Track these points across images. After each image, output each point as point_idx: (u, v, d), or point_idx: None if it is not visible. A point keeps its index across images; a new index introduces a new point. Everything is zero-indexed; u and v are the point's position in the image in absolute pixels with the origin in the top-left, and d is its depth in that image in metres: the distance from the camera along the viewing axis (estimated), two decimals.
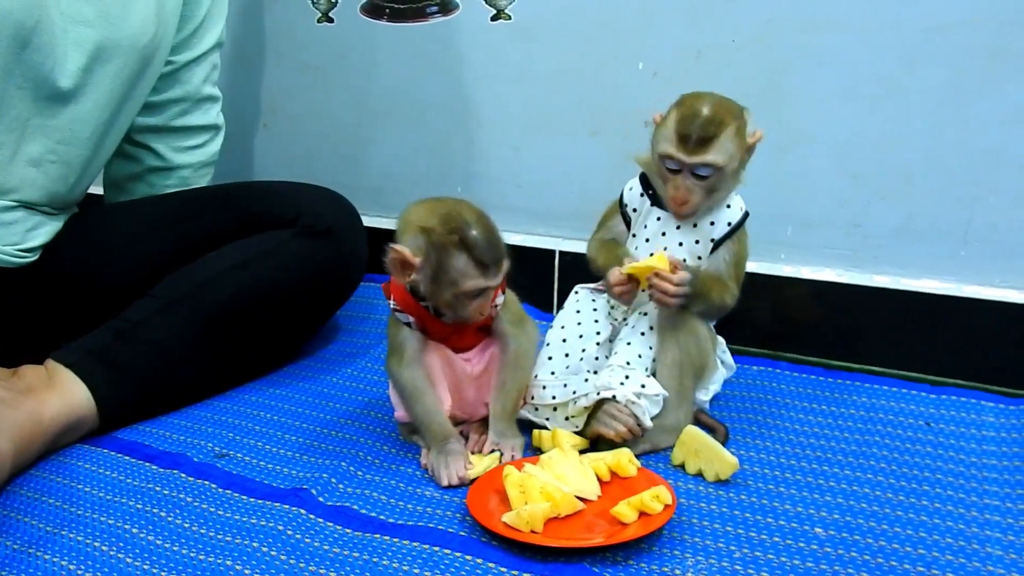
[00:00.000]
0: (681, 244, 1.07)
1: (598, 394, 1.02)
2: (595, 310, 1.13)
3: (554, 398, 1.06)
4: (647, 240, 1.09)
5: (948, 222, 1.23)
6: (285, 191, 1.34)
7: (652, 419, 1.03)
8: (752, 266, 1.33)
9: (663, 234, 1.08)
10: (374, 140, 1.62)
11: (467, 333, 1.05)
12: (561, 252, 1.46)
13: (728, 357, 1.14)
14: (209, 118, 1.44)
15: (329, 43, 1.60)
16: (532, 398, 1.07)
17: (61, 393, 1.09)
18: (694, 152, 1.00)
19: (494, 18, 1.44)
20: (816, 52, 1.24)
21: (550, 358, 1.09)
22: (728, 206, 1.06)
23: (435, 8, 1.49)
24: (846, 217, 1.28)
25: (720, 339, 1.13)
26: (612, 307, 1.14)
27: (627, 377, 1.03)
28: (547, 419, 1.07)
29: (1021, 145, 1.16)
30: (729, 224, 1.06)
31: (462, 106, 1.51)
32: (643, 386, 1.02)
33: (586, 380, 1.05)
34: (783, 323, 1.32)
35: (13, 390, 1.07)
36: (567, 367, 1.08)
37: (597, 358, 1.09)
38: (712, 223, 1.06)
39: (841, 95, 1.24)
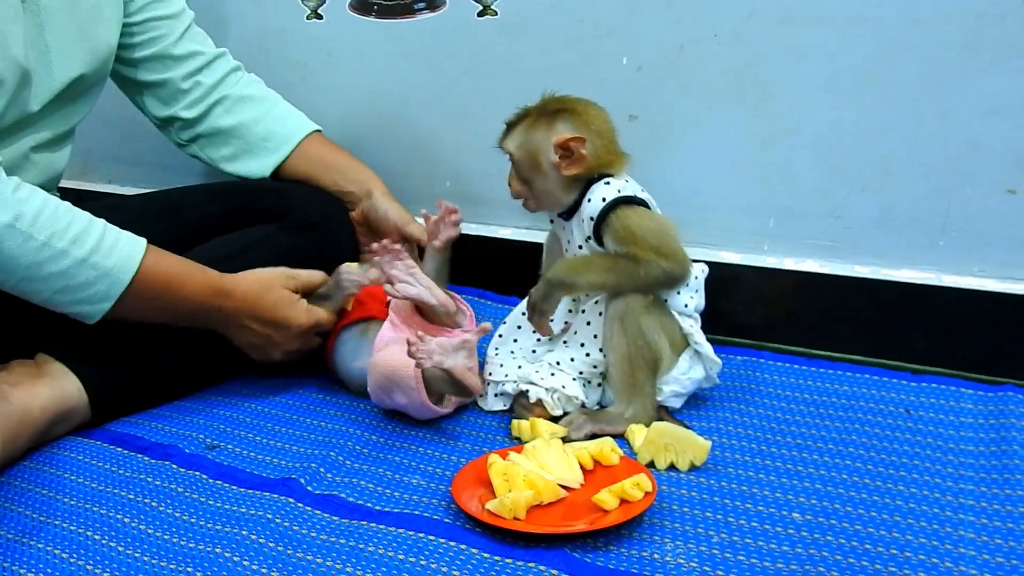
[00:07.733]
0: (580, 246, 1.13)
1: (517, 385, 1.10)
2: None
3: (491, 375, 1.14)
4: (568, 241, 1.15)
5: (927, 213, 1.24)
6: (275, 186, 1.36)
7: (602, 406, 1.10)
8: (735, 257, 1.35)
9: (571, 237, 1.14)
10: (362, 136, 1.62)
11: None
12: None
13: (706, 348, 1.11)
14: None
15: (318, 40, 1.61)
16: (490, 374, 1.15)
17: (51, 385, 1.10)
18: (501, 139, 1.12)
19: (480, 14, 1.45)
20: (796, 46, 1.25)
21: (500, 335, 1.18)
22: (589, 200, 1.09)
23: (422, 4, 1.50)
24: (827, 208, 1.29)
25: (697, 331, 1.11)
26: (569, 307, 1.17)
27: (552, 375, 1.09)
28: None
29: (997, 136, 1.17)
30: (592, 218, 1.08)
31: (450, 101, 1.52)
32: (563, 387, 1.09)
33: (520, 367, 1.12)
34: (766, 314, 1.34)
35: (3, 383, 1.08)
36: (511, 352, 1.15)
37: (534, 351, 1.16)
38: (582, 220, 1.11)
39: (821, 88, 1.25)
